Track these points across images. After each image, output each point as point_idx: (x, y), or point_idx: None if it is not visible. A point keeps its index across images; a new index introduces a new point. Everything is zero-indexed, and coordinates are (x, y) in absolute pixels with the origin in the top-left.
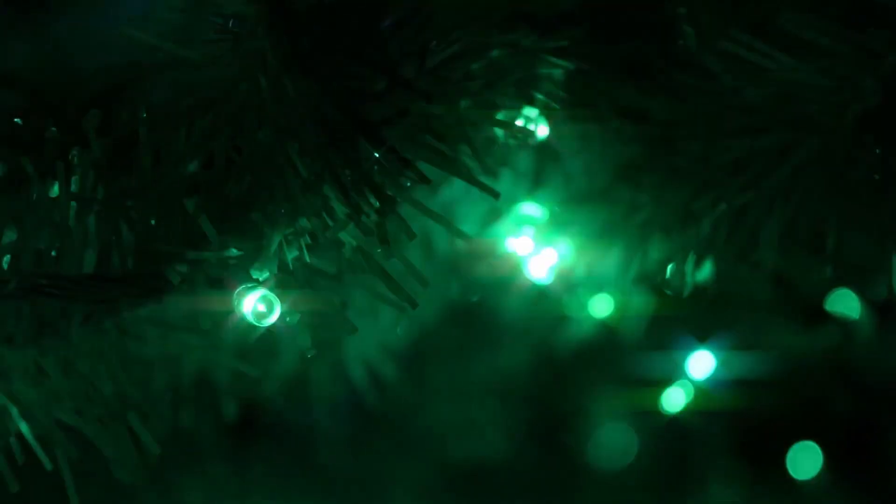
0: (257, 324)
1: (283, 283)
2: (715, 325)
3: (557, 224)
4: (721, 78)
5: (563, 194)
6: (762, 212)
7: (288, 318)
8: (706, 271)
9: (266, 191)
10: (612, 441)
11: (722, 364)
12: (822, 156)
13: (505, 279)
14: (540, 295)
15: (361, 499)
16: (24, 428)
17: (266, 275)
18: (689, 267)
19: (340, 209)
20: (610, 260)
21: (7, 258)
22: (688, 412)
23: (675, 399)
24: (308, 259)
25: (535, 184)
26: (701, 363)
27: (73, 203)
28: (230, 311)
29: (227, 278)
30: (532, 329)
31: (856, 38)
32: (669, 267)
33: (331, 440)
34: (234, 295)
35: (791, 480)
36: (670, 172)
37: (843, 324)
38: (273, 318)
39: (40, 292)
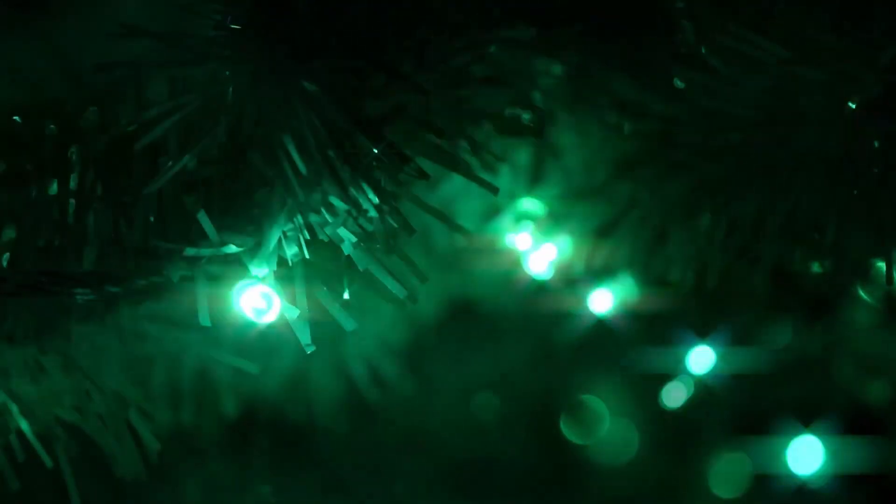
0: (257, 320)
1: (283, 279)
2: (715, 320)
3: (557, 219)
4: (720, 72)
5: (563, 190)
6: (762, 206)
7: (287, 315)
8: (706, 266)
9: (265, 187)
10: (612, 436)
11: (722, 359)
12: (821, 149)
13: (505, 275)
14: (539, 290)
15: (362, 496)
16: (24, 425)
17: (265, 271)
18: (688, 262)
19: (340, 205)
20: (609, 255)
21: (7, 256)
22: (688, 407)
23: (675, 394)
24: (307, 255)
25: (534, 179)
26: (701, 358)
27: (73, 200)
28: (229, 308)
29: (226, 275)
30: (532, 324)
31: (854, 32)
32: (669, 262)
33: (331, 437)
34: (234, 291)
35: (791, 476)
36: (669, 167)
37: (842, 318)
38: (272, 315)
39: (40, 290)
